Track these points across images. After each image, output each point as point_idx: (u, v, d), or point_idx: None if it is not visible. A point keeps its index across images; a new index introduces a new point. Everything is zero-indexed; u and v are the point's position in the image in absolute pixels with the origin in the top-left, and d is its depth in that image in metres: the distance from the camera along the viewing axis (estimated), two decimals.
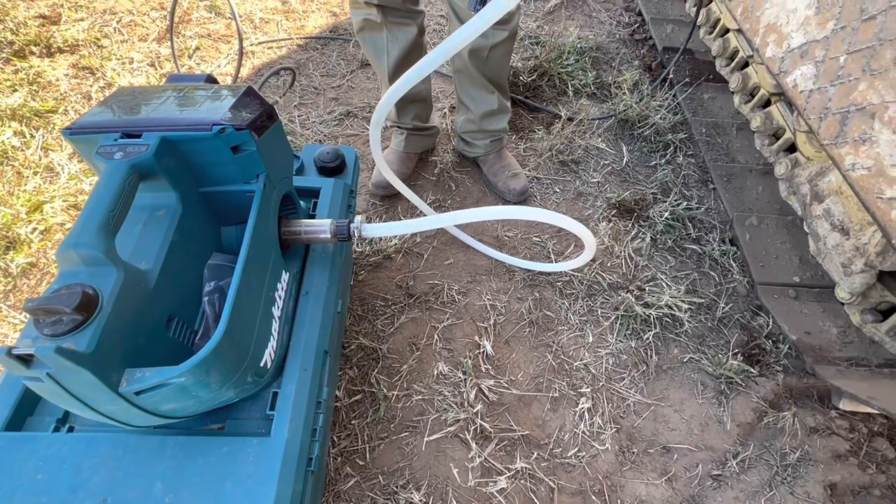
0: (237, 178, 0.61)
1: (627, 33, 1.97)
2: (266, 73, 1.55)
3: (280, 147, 0.67)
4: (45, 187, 1.30)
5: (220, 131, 0.55)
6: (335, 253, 0.79)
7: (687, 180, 1.50)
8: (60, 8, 1.80)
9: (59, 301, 0.42)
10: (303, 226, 0.72)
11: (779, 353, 1.18)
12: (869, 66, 0.74)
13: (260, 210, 0.60)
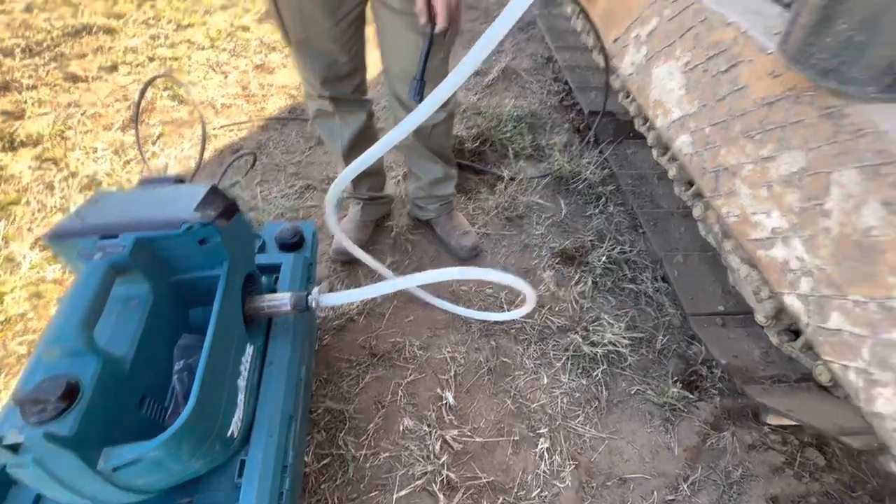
0: (204, 266, 0.69)
1: (557, 100, 2.23)
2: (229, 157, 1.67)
3: (242, 234, 0.76)
4: (5, 278, 1.32)
5: (188, 229, 0.64)
6: (296, 323, 0.86)
7: (619, 227, 1.67)
8: (24, 104, 1.89)
9: (44, 391, 0.48)
10: (265, 301, 0.79)
11: (714, 378, 1.30)
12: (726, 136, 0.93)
13: (224, 293, 0.68)
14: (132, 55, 2.22)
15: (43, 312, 1.25)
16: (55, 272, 1.34)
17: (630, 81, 1.34)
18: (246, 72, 2.21)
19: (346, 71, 1.15)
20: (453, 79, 0.67)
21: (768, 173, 0.83)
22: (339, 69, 1.13)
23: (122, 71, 2.13)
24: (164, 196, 0.71)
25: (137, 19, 2.48)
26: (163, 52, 2.27)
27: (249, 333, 0.77)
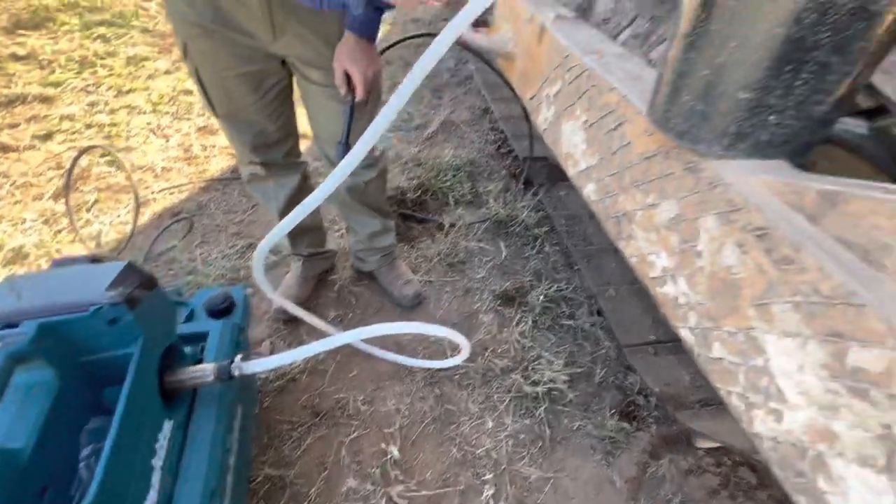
0: (117, 345, 0.69)
1: (494, 148, 2.37)
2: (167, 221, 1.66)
3: (159, 308, 0.77)
4: None
5: (96, 310, 0.64)
6: (223, 392, 0.86)
7: (555, 265, 1.76)
8: None
9: None
10: (187, 374, 0.79)
11: (650, 407, 1.36)
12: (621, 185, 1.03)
13: (137, 371, 0.68)
14: (68, 122, 2.20)
15: None
16: None
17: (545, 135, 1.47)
18: (188, 134, 2.24)
19: (275, 138, 1.20)
20: (367, 137, 0.71)
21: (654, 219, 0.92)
22: (268, 137, 1.18)
23: (56, 139, 2.11)
24: (76, 277, 0.71)
25: (76, 87, 2.48)
26: (101, 118, 2.27)
27: (169, 408, 0.77)
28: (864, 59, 0.59)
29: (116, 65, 2.70)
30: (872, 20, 0.55)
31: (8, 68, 2.55)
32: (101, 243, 1.65)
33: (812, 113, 0.65)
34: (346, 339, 0.85)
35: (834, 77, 0.60)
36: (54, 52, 2.72)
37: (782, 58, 0.60)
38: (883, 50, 0.58)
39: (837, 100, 0.63)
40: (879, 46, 0.58)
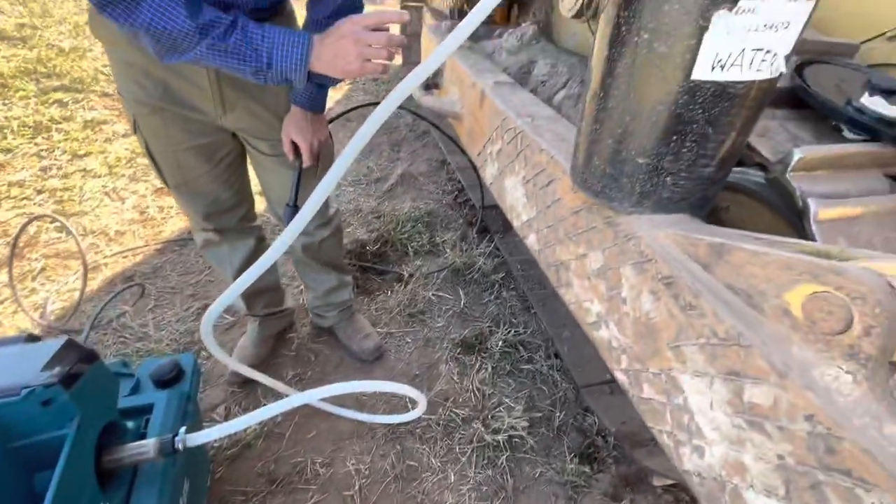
0: (50, 426, 0.68)
1: (452, 198, 2.47)
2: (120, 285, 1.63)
3: (100, 384, 0.76)
4: None
5: (28, 393, 0.64)
6: (166, 468, 0.83)
7: (513, 310, 1.81)
8: None
9: None
10: (126, 451, 0.77)
11: (609, 447, 1.39)
12: (556, 237, 1.10)
13: (70, 453, 0.66)
14: (17, 189, 2.16)
15: None
16: None
17: (492, 188, 1.56)
18: (144, 196, 2.23)
19: (229, 205, 1.23)
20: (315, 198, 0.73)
21: (586, 268, 0.99)
22: (221, 204, 1.21)
23: (3, 206, 2.06)
24: (10, 358, 0.70)
25: (28, 152, 2.46)
26: (54, 182, 2.24)
27: (107, 489, 0.74)
28: (733, 130, 0.69)
29: (73, 129, 2.70)
30: (733, 100, 0.65)
31: None
32: (45, 313, 1.59)
33: (701, 173, 0.74)
34: (299, 400, 0.86)
35: (712, 144, 0.70)
36: (7, 117, 2.70)
37: (668, 129, 0.69)
38: (749, 122, 0.69)
39: (720, 161, 0.73)
40: (744, 119, 0.69)
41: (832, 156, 0.81)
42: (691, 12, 0.59)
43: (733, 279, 0.64)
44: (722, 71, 0.63)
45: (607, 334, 0.93)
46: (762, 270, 0.60)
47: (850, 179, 0.83)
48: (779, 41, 0.62)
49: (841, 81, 0.98)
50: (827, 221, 0.77)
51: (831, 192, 0.80)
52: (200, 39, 0.73)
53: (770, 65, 0.63)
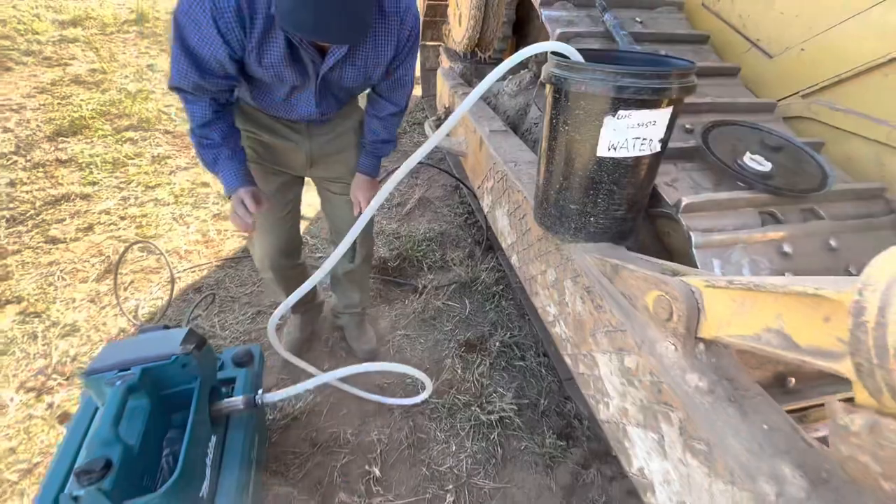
0: (183, 382, 1.06)
1: (462, 220, 2.83)
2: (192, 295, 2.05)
3: (209, 359, 1.14)
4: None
5: (175, 359, 1.02)
6: (247, 420, 1.21)
7: (510, 317, 2.14)
8: (10, 268, 2.22)
9: (92, 465, 0.81)
10: (224, 404, 1.15)
11: (584, 428, 1.69)
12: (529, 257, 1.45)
13: (197, 401, 1.04)
14: (106, 216, 2.65)
15: (31, 444, 1.49)
16: (41, 410, 1.59)
17: (488, 216, 1.92)
18: (205, 221, 2.68)
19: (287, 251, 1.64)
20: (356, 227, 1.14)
21: (546, 281, 1.33)
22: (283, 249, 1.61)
23: (97, 230, 2.54)
24: (157, 338, 1.09)
25: (110, 185, 2.96)
26: (133, 210, 2.72)
27: (213, 428, 1.11)
28: (632, 187, 1.03)
29: (143, 164, 3.21)
30: (626, 168, 0.99)
31: (53, 171, 3.04)
32: (138, 316, 2.02)
33: (614, 215, 1.09)
34: (340, 374, 1.22)
35: (618, 196, 1.04)
36: (91, 155, 3.24)
37: (587, 187, 1.04)
38: (643, 181, 1.02)
39: (627, 207, 1.07)
40: (638, 180, 1.03)
41: (712, 200, 1.13)
42: (590, 116, 0.94)
43: (623, 287, 0.98)
44: (615, 151, 0.98)
45: (559, 329, 1.26)
46: (635, 282, 0.94)
47: (729, 217, 1.14)
48: (651, 132, 0.97)
49: (738, 141, 1.30)
50: (703, 248, 1.09)
51: (712, 227, 1.12)
52: (193, 137, 1.17)
53: (648, 146, 0.98)
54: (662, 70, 0.87)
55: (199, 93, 1.08)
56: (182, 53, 1.00)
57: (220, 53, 1.00)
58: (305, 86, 1.16)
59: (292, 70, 1.08)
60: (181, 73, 1.03)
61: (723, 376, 0.78)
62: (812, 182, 1.17)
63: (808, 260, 1.11)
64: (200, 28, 0.96)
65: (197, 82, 1.04)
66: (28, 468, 1.43)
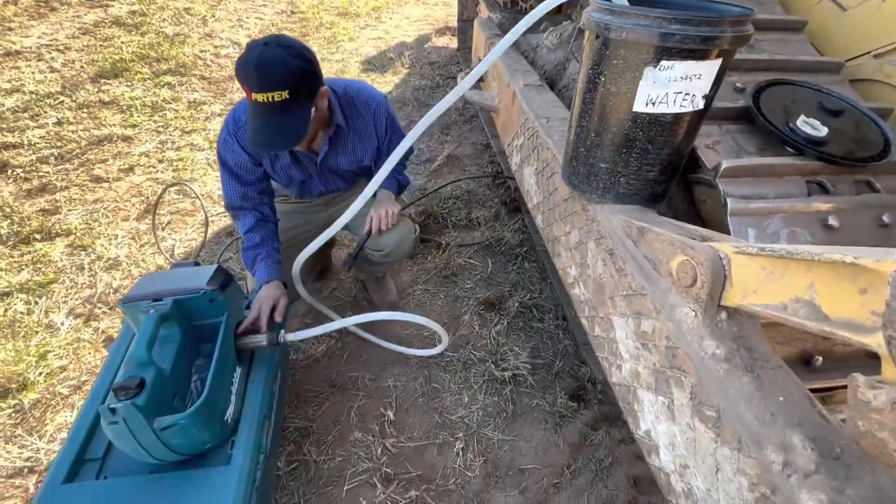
0: (211, 315, 1.12)
1: (490, 180, 2.78)
2: (224, 239, 2.13)
3: (236, 297, 1.19)
4: (48, 340, 1.70)
5: (203, 293, 1.07)
6: (271, 355, 1.27)
7: (531, 279, 2.13)
8: (58, 203, 2.35)
9: (128, 384, 0.88)
10: (249, 339, 1.21)
11: (596, 391, 1.70)
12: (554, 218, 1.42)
13: (224, 333, 1.10)
14: (145, 158, 2.74)
15: (79, 364, 1.63)
16: (88, 334, 1.73)
17: (515, 175, 1.87)
18: None
19: None
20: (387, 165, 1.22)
21: (569, 242, 1.31)
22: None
23: (137, 172, 2.64)
24: (188, 273, 1.15)
25: (149, 128, 3.04)
26: (170, 154, 2.80)
27: (239, 360, 1.18)
28: (667, 147, 0.97)
29: (180, 108, 3.27)
30: (663, 126, 0.94)
31: (96, 112, 3.15)
32: (174, 255, 2.12)
33: (646, 177, 1.04)
34: (360, 319, 1.26)
35: (652, 157, 1.00)
36: (131, 98, 3.31)
37: (620, 145, 1.00)
38: (681, 141, 0.97)
39: (661, 169, 1.02)
40: (675, 139, 0.97)
41: (755, 165, 1.06)
42: (629, 67, 0.88)
43: (647, 251, 0.95)
44: (653, 106, 0.92)
45: (578, 291, 1.24)
46: (660, 245, 0.90)
47: (772, 184, 1.07)
48: (695, 87, 0.90)
49: (793, 103, 1.19)
50: (739, 215, 1.03)
51: (751, 194, 1.06)
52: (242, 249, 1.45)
53: (690, 103, 0.92)
54: (713, 16, 0.80)
55: (246, 205, 1.43)
56: (226, 174, 1.40)
57: (247, 163, 1.39)
58: (311, 178, 1.55)
59: (297, 169, 1.49)
60: (230, 189, 1.41)
61: (742, 346, 0.76)
62: (872, 151, 1.07)
63: (856, 235, 1.03)
64: (232, 150, 1.37)
65: (241, 191, 1.41)
66: (77, 385, 1.57)
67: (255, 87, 1.12)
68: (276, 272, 1.40)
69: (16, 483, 1.33)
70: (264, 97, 1.13)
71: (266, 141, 1.19)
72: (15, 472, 1.35)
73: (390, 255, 1.63)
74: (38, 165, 2.61)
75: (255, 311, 1.25)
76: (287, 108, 1.16)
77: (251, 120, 1.19)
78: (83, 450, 1.03)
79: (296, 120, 1.21)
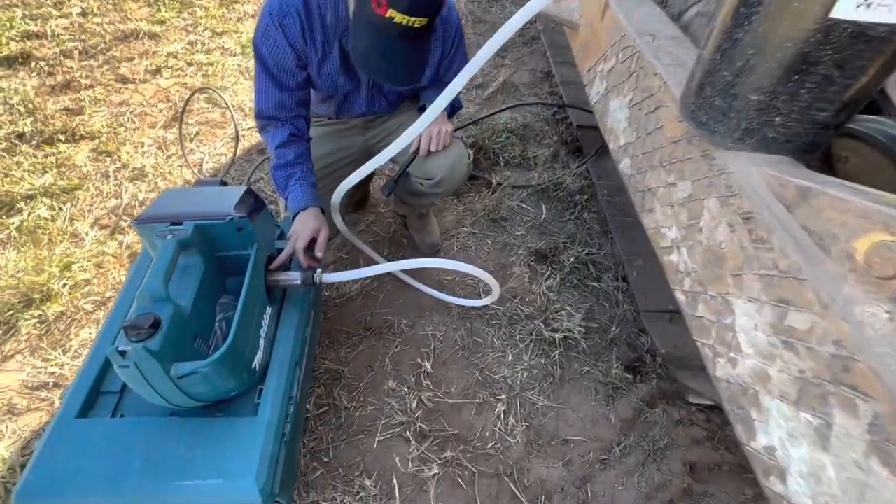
0: (239, 246, 0.95)
1: (550, 114, 2.45)
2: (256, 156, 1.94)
3: (267, 225, 1.02)
4: (72, 251, 1.61)
5: (230, 220, 0.89)
6: (305, 295, 1.12)
7: (590, 231, 1.89)
8: (83, 102, 2.19)
9: (141, 322, 0.74)
10: (281, 276, 1.05)
11: (655, 365, 1.52)
12: (650, 164, 1.16)
13: (253, 268, 0.94)
14: (173, 60, 2.51)
15: (104, 279, 1.54)
16: (113, 248, 1.63)
17: (595, 107, 1.57)
18: None
19: None
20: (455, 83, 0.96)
21: (672, 196, 1.06)
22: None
23: (164, 74, 2.42)
24: (213, 194, 0.97)
25: (177, 26, 2.77)
26: (199, 57, 2.55)
27: (269, 299, 1.03)
28: (864, 75, 0.69)
29: (211, 6, 2.96)
30: (870, 44, 0.65)
31: (122, 4, 2.87)
32: (203, 170, 1.96)
33: (814, 118, 0.77)
34: (404, 265, 1.08)
35: (835, 88, 0.72)
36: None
37: (790, 68, 0.72)
38: (884, 69, 0.68)
39: (839, 107, 0.74)
40: (879, 66, 0.69)
41: None
42: None
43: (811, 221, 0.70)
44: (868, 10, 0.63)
45: (677, 259, 1.02)
46: (840, 216, 0.65)
47: None
48: None
49: None
50: None
51: None
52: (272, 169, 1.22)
53: None
54: None
55: (280, 115, 1.20)
56: (262, 72, 1.16)
57: (290, 62, 1.14)
58: (358, 90, 1.31)
59: (346, 77, 1.24)
60: (264, 94, 1.18)
61: None
62: None
63: None
64: (274, 42, 1.11)
65: (278, 98, 1.17)
66: (101, 300, 1.49)
67: (402, 6, 0.93)
68: (313, 196, 1.20)
69: (41, 395, 1.29)
70: (405, 19, 0.95)
71: (390, 69, 1.04)
72: (40, 385, 1.31)
73: (441, 184, 1.41)
74: (61, 59, 2.42)
75: (290, 244, 1.08)
76: (418, 38, 1.02)
77: (372, 37, 1.00)
78: (99, 381, 0.93)
79: (422, 53, 1.08)
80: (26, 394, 1.29)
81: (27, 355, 1.36)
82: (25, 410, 1.26)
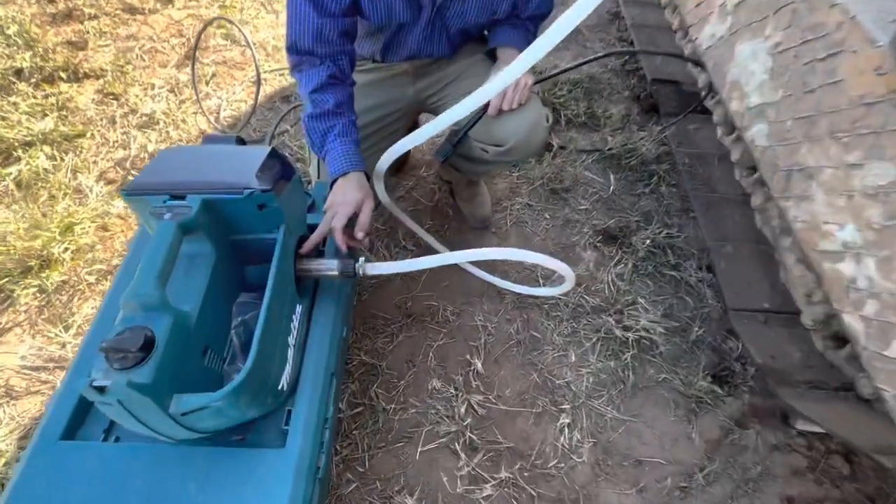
0: (261, 228, 0.72)
1: (619, 64, 2.08)
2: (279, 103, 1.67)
3: (297, 198, 0.78)
4: (74, 209, 1.42)
5: (249, 195, 0.66)
6: (342, 286, 0.90)
7: (669, 209, 1.60)
8: (86, 35, 1.93)
9: (126, 342, 0.52)
10: (314, 264, 0.82)
11: (746, 375, 1.28)
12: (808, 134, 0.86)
13: (280, 256, 0.71)
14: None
15: (109, 245, 1.35)
16: (119, 208, 1.42)
17: (706, 55, 1.23)
18: None
19: None
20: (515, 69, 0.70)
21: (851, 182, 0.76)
22: None
23: (176, 4, 2.12)
24: (227, 157, 0.73)
25: None
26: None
27: (299, 293, 0.81)
28: None
29: None
30: None
31: None
32: (220, 119, 1.71)
33: None
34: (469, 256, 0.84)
35: None
36: None
37: None
38: None
39: None
40: None
41: None
42: None
43: None
44: None
45: (853, 271, 0.74)
46: None
47: None
48: None
49: None
50: None
51: None
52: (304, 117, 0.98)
53: None
54: None
55: (319, 50, 0.95)
56: None
57: None
58: (416, 23, 1.04)
59: (404, 3, 0.98)
60: (299, 20, 0.93)
61: None
62: None
63: None
64: None
65: (317, 25, 0.92)
66: (107, 270, 1.30)
67: None
68: (357, 157, 0.95)
69: (41, 377, 1.13)
70: None
71: None
72: (40, 366, 1.15)
73: (511, 153, 1.13)
74: None
75: (326, 221, 0.85)
76: None
77: None
78: None
79: None
80: (25, 374, 1.14)
81: (27, 329, 1.20)
82: (25, 394, 1.11)
